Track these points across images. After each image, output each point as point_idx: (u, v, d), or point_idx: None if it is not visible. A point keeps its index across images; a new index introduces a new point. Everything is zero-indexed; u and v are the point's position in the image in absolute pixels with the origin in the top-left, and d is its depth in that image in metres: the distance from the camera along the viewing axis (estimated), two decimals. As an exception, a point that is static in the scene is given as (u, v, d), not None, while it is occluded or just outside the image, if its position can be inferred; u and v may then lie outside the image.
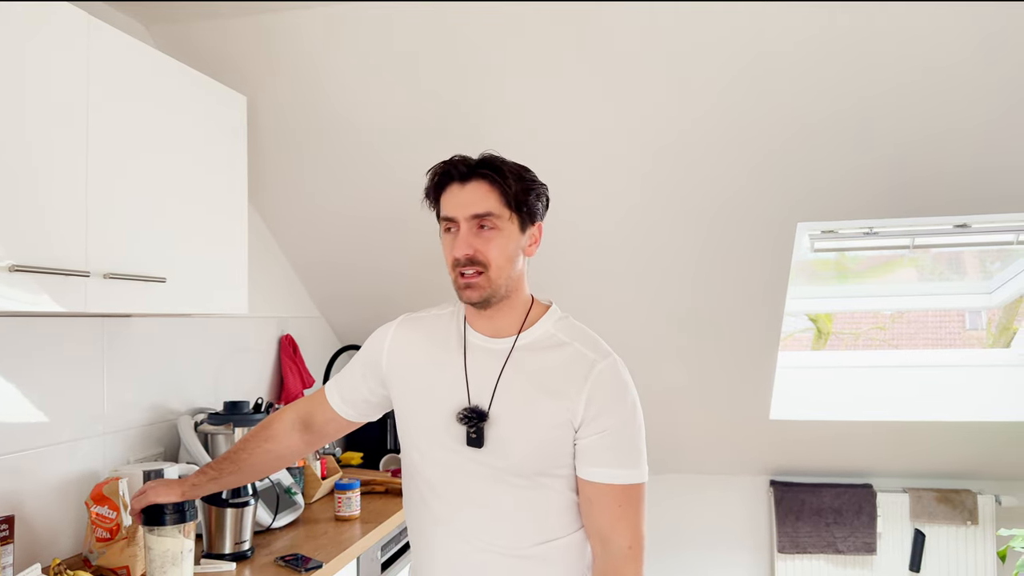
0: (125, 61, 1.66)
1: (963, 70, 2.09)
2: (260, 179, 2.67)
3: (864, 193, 2.48)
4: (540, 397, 1.30)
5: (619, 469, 1.30)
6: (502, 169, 1.30)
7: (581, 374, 1.30)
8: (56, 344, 1.87)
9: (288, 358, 2.93)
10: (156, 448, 2.22)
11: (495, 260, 1.29)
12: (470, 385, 1.34)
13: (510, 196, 1.29)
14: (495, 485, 1.32)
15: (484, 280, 1.29)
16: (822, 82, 2.17)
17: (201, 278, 1.92)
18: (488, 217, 1.28)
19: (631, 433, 1.32)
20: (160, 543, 1.54)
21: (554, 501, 1.33)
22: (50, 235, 1.45)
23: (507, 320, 1.36)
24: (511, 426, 1.30)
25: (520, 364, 1.33)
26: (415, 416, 1.40)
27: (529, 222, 1.33)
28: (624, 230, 2.69)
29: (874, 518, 3.31)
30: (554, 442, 1.30)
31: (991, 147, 2.28)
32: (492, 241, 1.29)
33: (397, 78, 2.36)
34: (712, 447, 3.39)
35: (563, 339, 1.35)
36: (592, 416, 1.29)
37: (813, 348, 4.01)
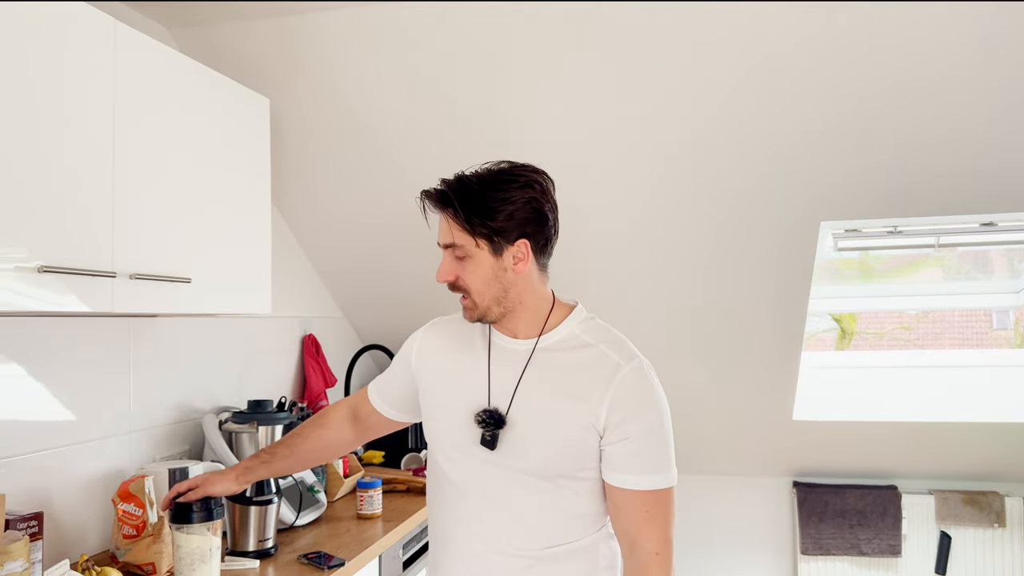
0: (149, 64, 1.68)
1: (990, 63, 2.06)
2: (283, 180, 2.69)
3: (888, 191, 2.46)
4: (561, 400, 1.30)
5: (646, 475, 1.29)
6: (468, 197, 1.27)
7: (604, 378, 1.29)
8: (83, 344, 1.89)
9: (311, 358, 2.96)
10: (181, 446, 2.24)
11: (472, 285, 1.31)
12: (492, 386, 1.34)
13: (471, 226, 1.27)
14: (514, 487, 1.32)
15: (470, 303, 1.33)
16: (844, 77, 2.15)
17: (225, 279, 1.94)
18: (455, 248, 1.30)
19: (658, 438, 1.30)
20: (188, 541, 1.56)
21: (574, 504, 1.33)
22: (77, 236, 1.47)
23: (525, 324, 1.36)
24: (531, 428, 1.30)
25: (542, 365, 1.33)
26: (438, 416, 1.42)
27: (506, 244, 1.28)
28: (644, 229, 2.69)
29: (899, 520, 3.27)
30: (576, 445, 1.29)
31: (1019, 143, 2.24)
32: (466, 268, 1.30)
33: (418, 81, 2.37)
34: (735, 448, 3.37)
35: (588, 340, 1.34)
36: (616, 422, 1.28)
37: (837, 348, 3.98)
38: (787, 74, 2.17)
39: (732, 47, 2.14)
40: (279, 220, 2.85)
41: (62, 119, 1.44)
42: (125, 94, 1.60)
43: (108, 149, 1.55)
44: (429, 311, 3.12)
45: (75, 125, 1.47)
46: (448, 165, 2.54)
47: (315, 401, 2.90)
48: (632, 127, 2.39)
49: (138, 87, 1.64)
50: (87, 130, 1.50)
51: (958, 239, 2.80)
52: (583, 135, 2.44)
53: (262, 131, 2.12)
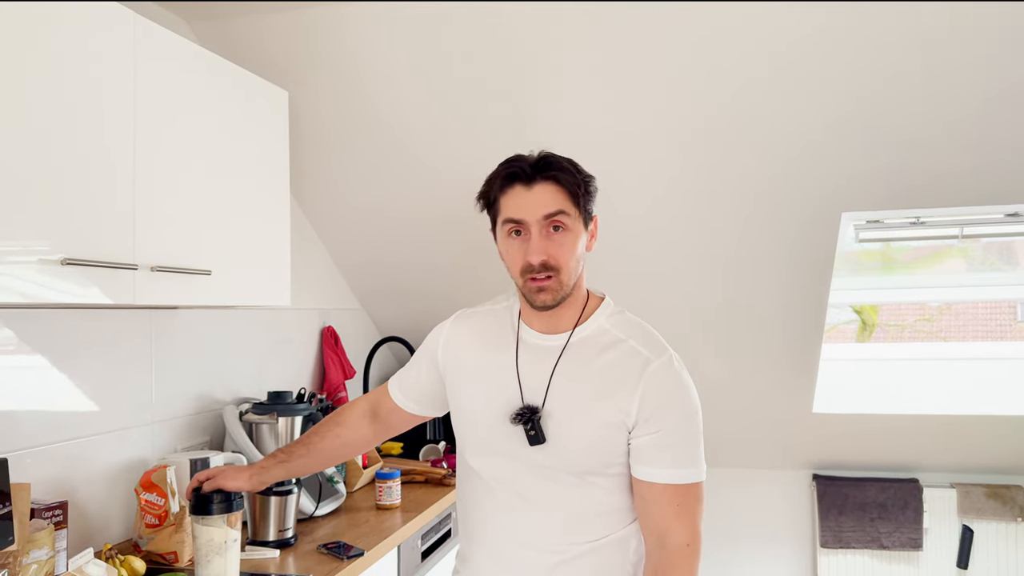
0: (169, 57, 1.69)
1: (1016, 52, 2.03)
2: (302, 173, 2.70)
3: (910, 182, 2.43)
4: (593, 396, 1.29)
5: (676, 469, 1.28)
6: (566, 166, 1.28)
7: (635, 373, 1.28)
8: (106, 336, 1.91)
9: (330, 349, 2.97)
10: (202, 437, 2.27)
11: (566, 262, 1.27)
12: (522, 383, 1.33)
13: (578, 194, 1.27)
14: (544, 483, 1.32)
15: (555, 283, 1.27)
16: (866, 66, 2.12)
17: (245, 271, 1.96)
18: (560, 216, 1.26)
19: (688, 432, 1.30)
20: (206, 532, 1.56)
21: (602, 501, 1.32)
22: (99, 229, 1.48)
23: (566, 316, 1.34)
24: (563, 425, 1.29)
25: (572, 361, 1.32)
26: (468, 413, 1.41)
27: (589, 218, 1.32)
28: (664, 222, 2.67)
29: (920, 513, 3.24)
30: (606, 441, 1.29)
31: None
32: (564, 244, 1.27)
33: (437, 75, 2.37)
34: (754, 440, 3.35)
35: (618, 335, 1.33)
36: (646, 416, 1.27)
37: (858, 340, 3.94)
38: (807, 64, 2.15)
39: (749, 38, 2.12)
40: (298, 212, 2.86)
41: (83, 113, 1.45)
42: (146, 88, 1.61)
43: (129, 143, 1.56)
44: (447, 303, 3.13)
45: (96, 119, 1.48)
46: (466, 158, 2.56)
47: (334, 392, 2.91)
48: (651, 123, 2.38)
49: (158, 81, 1.65)
50: (108, 124, 1.51)
51: (982, 230, 2.76)
52: (602, 131, 2.43)
53: (281, 124, 2.13)
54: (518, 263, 1.29)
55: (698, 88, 2.27)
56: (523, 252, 1.28)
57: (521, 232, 1.29)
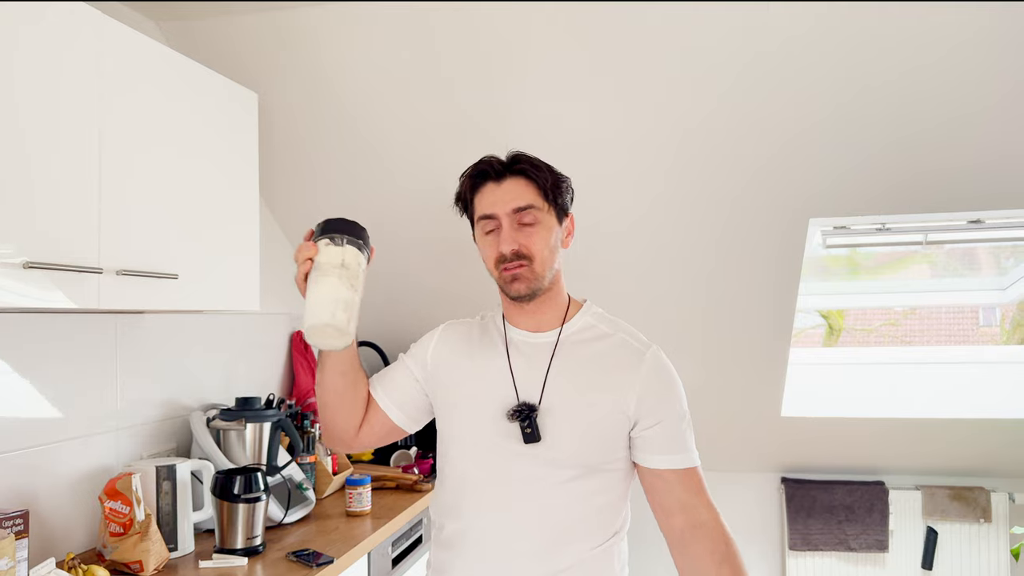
0: (136, 58, 1.67)
1: (979, 60, 2.07)
2: (271, 175, 2.68)
3: (876, 189, 2.47)
4: (592, 387, 1.32)
5: (683, 454, 1.34)
6: (535, 163, 1.34)
7: (631, 364, 1.33)
8: (70, 340, 1.88)
9: (300, 354, 2.95)
10: (168, 443, 2.23)
11: (539, 252, 1.31)
12: (516, 380, 1.34)
13: (546, 188, 1.32)
14: (538, 484, 1.30)
15: (529, 272, 1.31)
16: (832, 76, 2.16)
17: (213, 274, 1.93)
18: (529, 210, 1.30)
19: (686, 419, 1.38)
20: (337, 253, 1.28)
21: (597, 500, 1.32)
22: (64, 232, 1.46)
23: (549, 314, 1.38)
24: (563, 418, 1.30)
25: (567, 356, 1.35)
26: (461, 413, 1.39)
27: (563, 214, 1.36)
28: (634, 227, 2.69)
29: (886, 515, 3.29)
30: (606, 433, 1.31)
31: (1006, 141, 2.26)
32: (534, 235, 1.31)
33: (409, 79, 2.36)
34: (723, 444, 3.38)
35: (606, 330, 1.38)
36: (649, 407, 1.32)
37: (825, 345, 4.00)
38: (775, 74, 2.18)
39: (719, 50, 2.14)
40: (267, 216, 2.84)
41: (48, 114, 1.43)
42: (112, 89, 1.58)
43: (95, 144, 1.53)
44: (420, 308, 3.13)
45: (61, 120, 1.46)
46: (439, 164, 2.56)
47: (303, 398, 2.89)
48: (619, 127, 2.39)
49: (125, 82, 1.63)
50: (73, 125, 1.48)
51: (946, 236, 2.81)
52: (575, 135, 2.44)
53: (251, 126, 2.11)
54: (492, 256, 1.33)
55: (665, 98, 2.29)
56: (496, 245, 1.32)
57: (494, 229, 1.33)
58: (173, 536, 1.92)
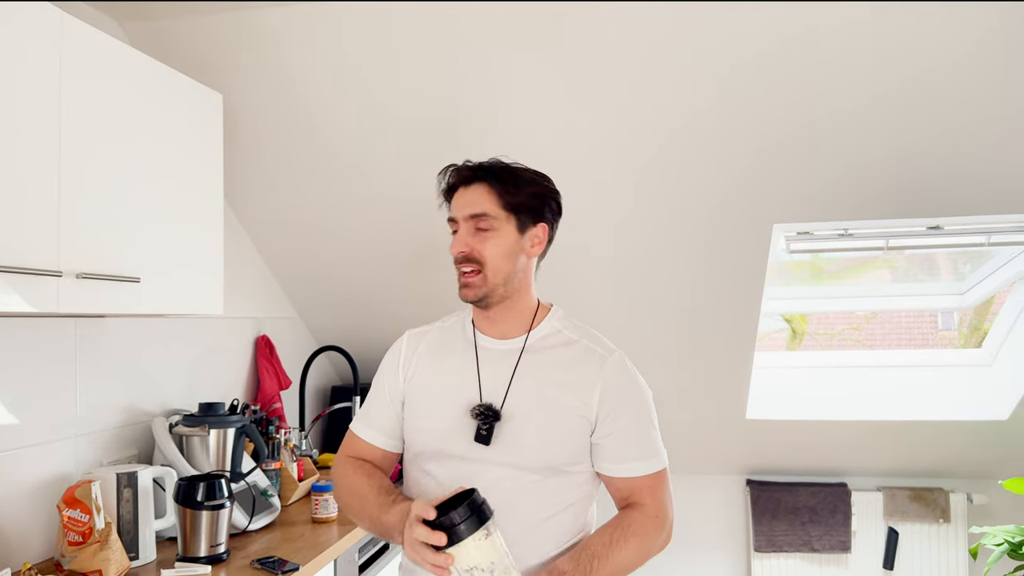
0: (98, 58, 1.64)
1: (937, 78, 2.12)
2: (236, 177, 2.64)
3: (839, 196, 2.51)
4: (554, 393, 1.33)
5: (641, 461, 1.35)
6: (502, 172, 1.35)
7: (592, 370, 1.34)
8: (27, 345, 1.84)
9: (264, 359, 2.91)
10: (130, 450, 2.19)
11: (490, 259, 1.33)
12: (482, 384, 1.36)
13: (508, 198, 1.33)
14: (504, 482, 1.31)
15: (480, 279, 1.33)
16: (798, 89, 2.19)
17: (176, 278, 1.90)
18: (483, 218, 1.33)
19: (648, 424, 1.38)
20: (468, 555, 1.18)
21: (562, 500, 1.34)
22: (21, 234, 1.42)
23: (513, 321, 1.40)
24: (526, 422, 1.32)
25: (532, 361, 1.37)
26: (427, 419, 1.39)
27: (530, 223, 1.36)
28: (601, 235, 2.70)
29: (849, 516, 3.34)
30: (568, 437, 1.33)
31: (964, 152, 2.31)
32: (487, 241, 1.33)
33: (371, 81, 2.35)
34: (689, 447, 3.40)
35: (571, 336, 1.40)
36: (607, 412, 1.33)
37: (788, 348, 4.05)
38: (743, 87, 2.20)
39: (690, 61, 2.16)
40: (232, 218, 2.80)
41: (3, 114, 1.39)
42: (73, 88, 1.55)
43: (54, 145, 1.50)
44: (386, 311, 3.11)
45: (19, 119, 1.42)
46: (403, 170, 2.55)
47: (268, 403, 2.85)
48: (586, 133, 2.40)
49: (86, 82, 1.60)
50: (32, 125, 1.45)
51: (906, 242, 2.86)
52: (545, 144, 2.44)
53: (215, 127, 2.08)
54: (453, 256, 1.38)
55: (638, 109, 2.30)
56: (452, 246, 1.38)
57: (455, 232, 1.38)
58: (134, 544, 1.88)
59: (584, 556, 1.28)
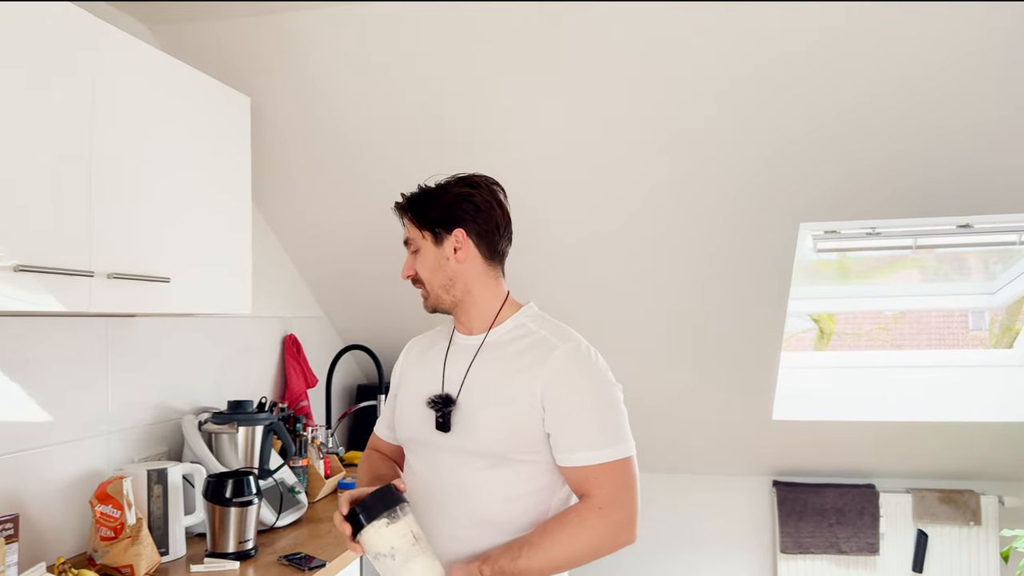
0: (129, 62, 1.67)
1: (967, 71, 2.09)
2: (264, 179, 2.68)
3: (866, 194, 2.48)
4: (503, 382, 1.40)
5: (592, 451, 1.35)
6: (414, 200, 1.49)
7: (540, 358, 1.38)
8: (60, 344, 1.88)
9: (292, 358, 2.94)
10: (160, 447, 2.23)
11: (424, 276, 1.48)
12: (446, 376, 1.47)
13: (420, 220, 1.47)
14: (458, 470, 1.40)
15: (426, 292, 1.50)
16: (824, 83, 2.17)
17: (205, 278, 1.93)
18: (410, 243, 1.50)
19: (599, 413, 1.37)
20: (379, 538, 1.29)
21: (518, 486, 1.39)
22: (55, 235, 1.45)
23: (478, 320, 1.49)
24: (477, 410, 1.40)
25: (490, 354, 1.45)
26: (402, 410, 1.53)
27: (445, 233, 1.45)
28: (625, 232, 2.69)
29: (877, 518, 3.30)
30: (517, 426, 1.37)
31: (994, 148, 2.28)
32: (419, 261, 1.48)
33: (395, 83, 2.36)
34: (715, 448, 3.39)
35: (532, 329, 1.45)
36: (552, 401, 1.35)
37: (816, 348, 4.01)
38: (770, 82, 2.19)
39: (715, 57, 2.15)
40: (260, 219, 2.83)
41: (38, 117, 1.42)
42: (104, 92, 1.58)
43: (86, 147, 1.53)
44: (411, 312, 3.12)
45: (52, 123, 1.45)
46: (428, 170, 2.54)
47: (296, 401, 2.88)
48: (611, 132, 2.40)
49: (118, 85, 1.63)
50: (64, 128, 1.48)
51: (935, 241, 2.83)
52: (564, 144, 2.45)
53: (243, 130, 2.11)
54: None
55: (660, 101, 2.30)
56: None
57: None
58: (164, 540, 1.92)
59: (514, 544, 1.34)
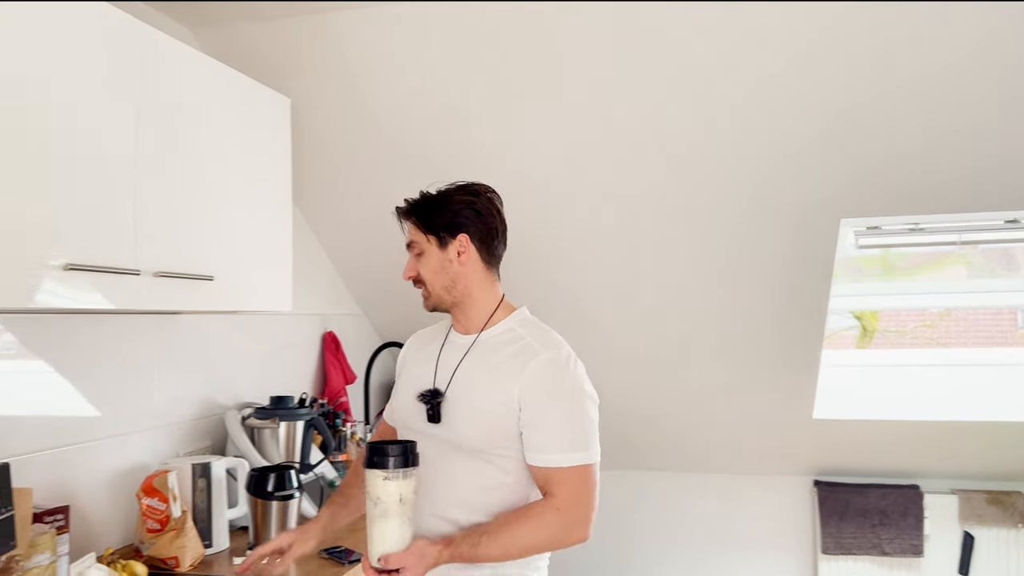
0: (172, 64, 1.71)
1: (1012, 59, 2.04)
2: (303, 178, 2.71)
3: (909, 187, 2.43)
4: (486, 383, 1.48)
5: (556, 454, 1.43)
6: (420, 205, 1.56)
7: (520, 365, 1.46)
8: (108, 341, 1.92)
9: (331, 354, 2.98)
10: (204, 441, 2.27)
11: (425, 276, 1.55)
12: (438, 372, 1.55)
13: (425, 225, 1.54)
14: (445, 458, 1.49)
15: (427, 292, 1.57)
16: (865, 72, 2.13)
17: (247, 276, 1.97)
18: (414, 245, 1.56)
19: (569, 421, 1.46)
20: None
21: (493, 479, 1.48)
22: (102, 235, 1.49)
23: (473, 321, 1.57)
24: (461, 407, 1.49)
25: (477, 355, 1.53)
26: (398, 397, 1.63)
27: (449, 238, 1.52)
28: (663, 227, 2.68)
29: (921, 520, 3.24)
30: (495, 424, 1.46)
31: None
32: (422, 263, 1.55)
33: (436, 83, 2.38)
34: (755, 447, 3.35)
35: (521, 334, 1.53)
36: (529, 403, 1.44)
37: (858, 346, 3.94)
38: (805, 69, 2.16)
39: (761, 41, 2.13)
40: (299, 218, 2.87)
41: (86, 119, 1.46)
42: (149, 94, 1.62)
43: (132, 148, 1.57)
44: (448, 309, 3.13)
45: (99, 125, 1.49)
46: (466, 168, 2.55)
47: (335, 397, 2.92)
48: (640, 125, 2.39)
49: (161, 87, 1.66)
50: (111, 129, 1.52)
51: (981, 236, 2.76)
52: (593, 134, 2.44)
53: (284, 130, 2.14)
54: None
55: (698, 91, 2.28)
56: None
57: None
58: (208, 532, 1.96)
59: (476, 531, 1.43)
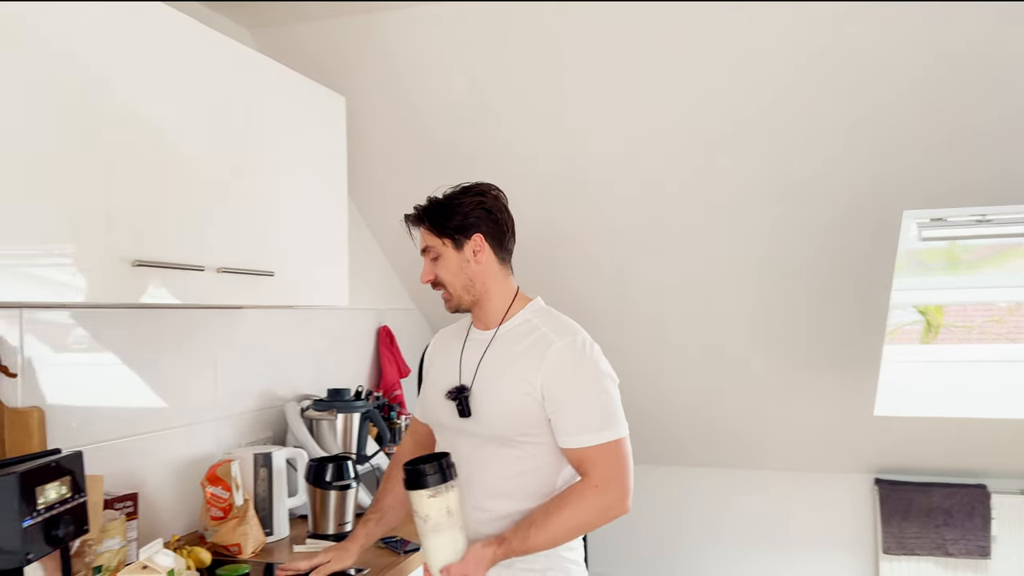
0: (232, 65, 1.75)
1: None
2: (358, 175, 2.75)
3: (975, 178, 2.36)
4: (507, 374, 1.54)
5: (587, 434, 1.49)
6: (431, 210, 1.59)
7: (539, 354, 1.52)
8: (174, 334, 1.99)
9: (386, 348, 3.02)
10: (265, 432, 2.33)
11: (444, 278, 1.60)
12: (462, 368, 1.61)
13: (439, 229, 1.58)
14: (475, 450, 1.55)
15: (447, 295, 1.62)
16: (928, 61, 2.07)
17: (306, 271, 2.01)
18: (429, 250, 1.60)
19: (590, 401, 1.51)
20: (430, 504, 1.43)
21: (529, 464, 1.53)
22: (168, 232, 1.54)
23: (491, 316, 1.62)
24: (488, 399, 1.54)
25: (498, 348, 1.58)
26: (427, 398, 1.68)
27: (464, 239, 1.57)
28: (724, 219, 2.65)
29: (988, 520, 3.14)
30: (521, 412, 1.51)
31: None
32: (439, 267, 1.60)
33: (486, 83, 2.39)
34: (814, 443, 3.29)
35: (537, 325, 1.58)
36: (551, 390, 1.49)
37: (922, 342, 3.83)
38: (873, 56, 2.10)
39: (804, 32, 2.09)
40: (355, 214, 2.92)
41: (152, 120, 1.51)
42: (210, 96, 1.66)
43: (198, 149, 1.62)
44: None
45: (164, 126, 1.54)
46: (512, 164, 2.58)
47: (390, 390, 2.96)
48: (697, 114, 2.36)
49: (222, 88, 1.71)
50: (176, 130, 1.57)
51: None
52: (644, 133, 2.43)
53: (339, 129, 2.18)
54: None
55: (751, 80, 2.24)
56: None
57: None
58: (269, 521, 2.01)
59: (523, 524, 1.49)
